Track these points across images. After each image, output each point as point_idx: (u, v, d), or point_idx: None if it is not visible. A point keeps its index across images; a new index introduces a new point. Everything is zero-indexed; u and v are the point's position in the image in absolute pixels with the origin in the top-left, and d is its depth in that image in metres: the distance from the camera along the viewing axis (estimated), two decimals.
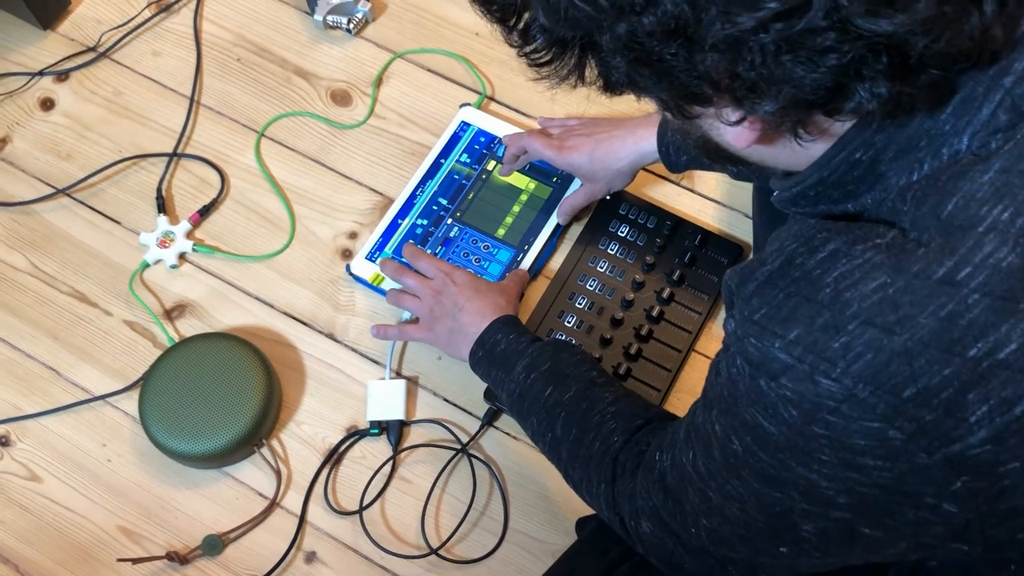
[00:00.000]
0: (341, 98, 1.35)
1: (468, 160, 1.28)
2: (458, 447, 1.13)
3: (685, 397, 1.15)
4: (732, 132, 0.64)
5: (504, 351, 1.05)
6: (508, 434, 1.15)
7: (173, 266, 1.25)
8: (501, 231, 1.23)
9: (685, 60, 0.57)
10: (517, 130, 1.27)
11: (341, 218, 1.27)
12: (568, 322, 1.17)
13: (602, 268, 1.20)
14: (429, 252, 1.21)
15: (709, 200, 1.26)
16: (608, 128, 1.16)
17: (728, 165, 1.00)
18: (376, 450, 1.15)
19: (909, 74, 0.57)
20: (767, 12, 0.53)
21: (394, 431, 1.14)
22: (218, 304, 1.23)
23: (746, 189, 1.22)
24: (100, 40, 1.40)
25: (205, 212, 1.27)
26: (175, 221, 1.27)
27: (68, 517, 1.13)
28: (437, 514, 1.12)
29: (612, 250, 1.21)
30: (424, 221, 1.24)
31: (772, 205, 0.74)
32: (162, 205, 1.28)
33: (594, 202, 1.23)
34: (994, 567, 0.69)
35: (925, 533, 0.64)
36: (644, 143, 1.12)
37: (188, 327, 1.22)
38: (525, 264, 1.21)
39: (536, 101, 1.32)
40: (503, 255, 1.22)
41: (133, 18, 1.41)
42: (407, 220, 1.24)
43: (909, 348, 0.58)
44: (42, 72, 1.38)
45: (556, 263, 1.22)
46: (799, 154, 0.67)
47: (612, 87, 0.63)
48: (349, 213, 1.27)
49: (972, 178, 0.60)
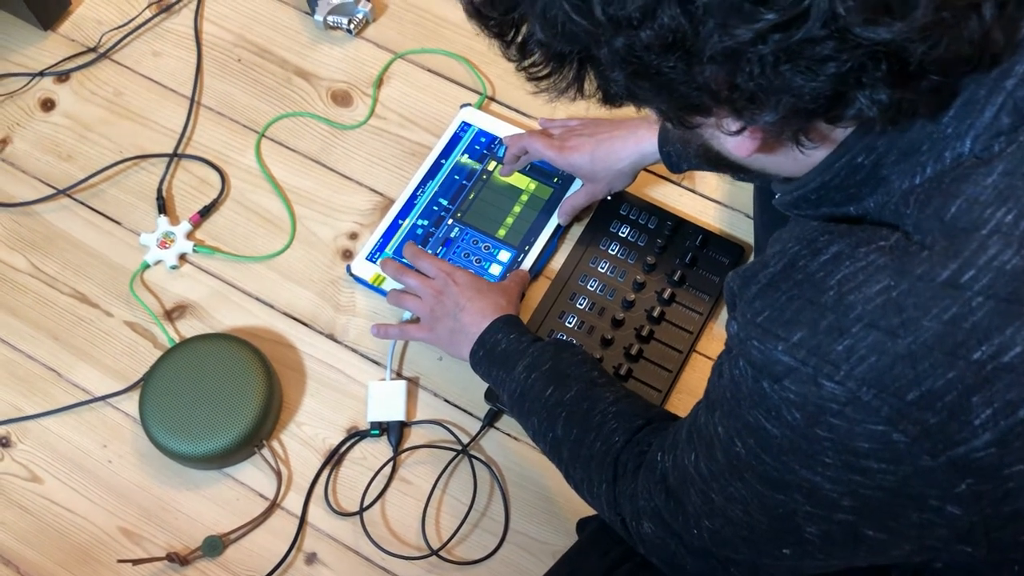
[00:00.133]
0: (341, 98, 1.35)
1: (469, 161, 1.28)
2: (459, 448, 1.13)
3: (686, 398, 1.15)
4: (733, 142, 0.64)
5: (505, 351, 1.05)
6: (509, 435, 1.15)
7: (173, 267, 1.25)
8: (502, 231, 1.23)
9: (684, 72, 0.57)
10: (518, 130, 1.27)
11: (341, 219, 1.27)
12: (569, 322, 1.17)
13: (603, 268, 1.20)
14: (430, 252, 1.21)
15: (710, 200, 1.26)
16: (609, 128, 1.16)
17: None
18: (376, 451, 1.15)
19: (909, 80, 0.56)
20: (765, 23, 0.53)
21: (395, 432, 1.14)
22: (218, 305, 1.23)
23: (747, 189, 1.22)
24: (100, 41, 1.40)
25: (205, 213, 1.27)
26: (175, 222, 1.27)
27: (68, 518, 1.13)
28: (438, 515, 1.12)
29: (613, 250, 1.21)
30: (425, 222, 1.24)
31: (773, 206, 0.74)
32: (162, 206, 1.28)
33: (595, 202, 1.23)
34: (998, 569, 0.69)
35: (929, 535, 0.64)
36: (645, 144, 1.12)
37: (188, 328, 1.22)
38: (526, 264, 1.21)
39: (537, 102, 1.32)
40: (504, 255, 1.22)
41: (133, 19, 1.41)
42: (408, 221, 1.24)
43: (913, 351, 0.58)
44: (42, 73, 1.37)
45: (557, 263, 1.22)
46: (801, 161, 0.67)
47: (611, 99, 0.63)
48: (350, 214, 1.27)
49: (975, 181, 0.59)
